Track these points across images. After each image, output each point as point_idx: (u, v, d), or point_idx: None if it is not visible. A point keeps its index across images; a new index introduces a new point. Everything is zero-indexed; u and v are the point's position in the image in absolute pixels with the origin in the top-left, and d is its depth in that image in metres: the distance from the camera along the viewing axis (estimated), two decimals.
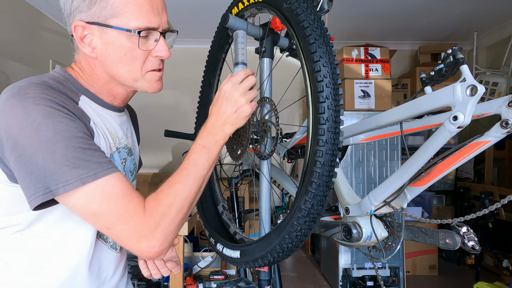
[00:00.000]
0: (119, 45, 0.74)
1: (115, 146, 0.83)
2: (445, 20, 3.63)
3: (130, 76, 0.77)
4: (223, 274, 2.55)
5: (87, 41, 0.74)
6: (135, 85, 0.80)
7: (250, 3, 1.08)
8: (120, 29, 0.72)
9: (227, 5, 1.20)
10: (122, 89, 0.82)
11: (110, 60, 0.75)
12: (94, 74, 0.79)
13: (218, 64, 1.34)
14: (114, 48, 0.74)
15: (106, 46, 0.74)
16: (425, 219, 0.99)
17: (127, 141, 0.89)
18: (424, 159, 0.87)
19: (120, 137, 0.85)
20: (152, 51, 0.77)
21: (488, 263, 3.49)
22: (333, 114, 0.80)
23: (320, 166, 0.80)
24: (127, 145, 0.89)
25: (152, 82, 0.80)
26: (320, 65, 0.80)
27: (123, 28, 0.72)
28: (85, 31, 0.73)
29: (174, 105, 4.39)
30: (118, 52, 0.74)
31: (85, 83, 0.79)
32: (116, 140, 0.84)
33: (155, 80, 0.80)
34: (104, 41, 0.74)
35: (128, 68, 0.76)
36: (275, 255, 0.88)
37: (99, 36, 0.73)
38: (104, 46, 0.74)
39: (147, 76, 0.79)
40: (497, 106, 0.79)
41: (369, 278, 2.91)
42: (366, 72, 3.05)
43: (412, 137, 3.66)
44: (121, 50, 0.74)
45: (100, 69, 0.78)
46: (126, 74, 0.77)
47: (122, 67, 0.76)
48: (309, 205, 0.82)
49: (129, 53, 0.75)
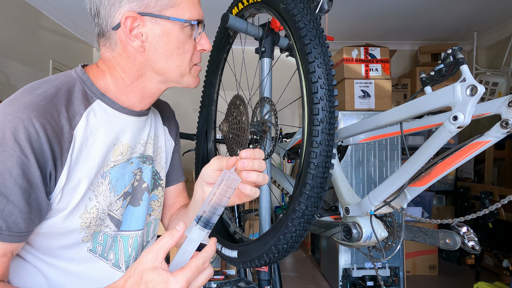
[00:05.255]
0: (174, 38, 0.70)
1: (126, 157, 0.77)
2: (445, 20, 3.63)
3: (180, 71, 0.74)
4: (223, 274, 2.55)
5: (135, 34, 0.69)
6: (181, 80, 0.75)
7: (250, 3, 1.08)
8: (177, 20, 0.69)
9: (227, 5, 1.20)
10: (155, 87, 0.76)
11: (161, 54, 0.71)
12: (127, 73, 0.73)
13: (220, 64, 1.34)
14: (168, 40, 0.70)
15: (158, 39, 0.69)
16: (425, 219, 0.99)
17: (144, 149, 0.82)
18: (424, 159, 0.87)
19: (133, 146, 0.79)
20: (196, 45, 0.75)
21: (488, 263, 3.49)
22: (327, 116, 0.79)
23: (314, 168, 0.79)
24: (143, 153, 0.82)
25: (196, 77, 0.78)
26: (315, 66, 0.79)
27: (182, 19, 0.69)
28: (135, 23, 0.68)
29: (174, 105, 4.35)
30: (171, 44, 0.70)
31: (104, 86, 0.74)
32: (128, 150, 0.78)
33: (197, 74, 0.78)
34: (156, 33, 0.69)
35: (179, 62, 0.73)
36: (271, 256, 0.88)
37: (150, 28, 0.69)
38: (155, 38, 0.69)
39: (192, 70, 0.76)
40: (497, 106, 0.79)
41: (369, 278, 2.91)
42: (366, 72, 3.04)
43: (412, 137, 3.66)
44: (175, 42, 0.70)
45: (140, 65, 0.72)
46: (176, 68, 0.73)
47: (173, 61, 0.72)
48: (303, 207, 0.81)
49: (182, 46, 0.72)
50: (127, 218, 0.81)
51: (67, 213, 0.68)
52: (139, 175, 0.82)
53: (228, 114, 1.19)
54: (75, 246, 0.73)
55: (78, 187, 0.68)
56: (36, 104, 0.63)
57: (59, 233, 0.69)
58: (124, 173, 0.78)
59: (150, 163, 0.85)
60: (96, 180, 0.72)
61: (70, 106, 0.68)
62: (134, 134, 0.79)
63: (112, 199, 0.75)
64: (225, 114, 1.20)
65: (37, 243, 0.70)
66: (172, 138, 0.96)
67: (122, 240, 0.80)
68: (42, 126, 0.62)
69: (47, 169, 0.63)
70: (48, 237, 0.70)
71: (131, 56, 0.71)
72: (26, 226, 0.62)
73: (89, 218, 0.71)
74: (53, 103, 0.65)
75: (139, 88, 0.75)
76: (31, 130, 0.61)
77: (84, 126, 0.69)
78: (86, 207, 0.70)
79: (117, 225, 0.78)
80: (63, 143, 0.65)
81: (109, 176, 0.75)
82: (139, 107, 0.78)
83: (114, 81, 0.74)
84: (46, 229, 0.68)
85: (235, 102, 1.15)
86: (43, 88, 0.67)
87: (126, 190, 0.79)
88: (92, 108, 0.71)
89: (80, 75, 0.73)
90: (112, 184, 0.75)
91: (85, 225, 0.71)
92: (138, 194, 0.82)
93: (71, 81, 0.71)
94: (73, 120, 0.68)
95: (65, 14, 3.52)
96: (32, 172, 0.61)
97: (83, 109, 0.70)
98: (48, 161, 0.63)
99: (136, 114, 0.78)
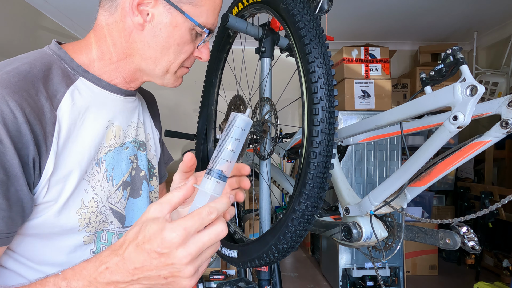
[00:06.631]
0: (178, 33, 0.67)
1: (120, 142, 0.71)
2: (445, 20, 3.63)
3: (167, 67, 0.70)
4: (223, 274, 2.55)
5: (141, 9, 0.64)
6: (163, 76, 0.72)
7: (250, 3, 1.08)
8: (191, 19, 0.66)
9: (227, 5, 1.20)
10: (138, 74, 0.72)
11: (158, 42, 0.66)
12: (117, 46, 0.68)
13: (220, 64, 1.34)
14: (172, 33, 0.66)
15: (162, 27, 0.65)
16: (425, 219, 0.99)
17: (136, 133, 0.77)
18: (424, 159, 0.87)
19: (125, 129, 0.73)
20: (195, 50, 0.72)
21: (488, 263, 3.49)
22: (327, 116, 0.79)
23: (314, 168, 0.79)
24: (136, 138, 0.76)
25: (178, 78, 0.74)
26: (315, 66, 0.79)
27: (195, 21, 0.66)
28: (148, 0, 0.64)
29: (174, 105, 4.39)
30: (173, 38, 0.67)
31: (87, 62, 0.67)
32: (120, 134, 0.71)
33: (180, 76, 0.75)
34: (164, 20, 0.65)
35: (172, 58, 0.69)
36: (271, 256, 0.88)
37: (160, 13, 0.65)
38: (160, 25, 0.65)
39: (178, 71, 0.73)
40: (497, 106, 0.79)
41: (369, 278, 2.91)
42: (366, 72, 3.04)
43: (412, 137, 3.66)
44: (177, 38, 0.67)
45: (133, 44, 0.67)
46: (165, 63, 0.69)
47: (166, 55, 0.68)
48: (303, 207, 0.81)
49: (182, 45, 0.68)
50: (129, 212, 0.74)
51: (59, 207, 0.60)
52: (136, 162, 0.76)
53: (228, 114, 1.19)
54: (76, 250, 0.65)
55: (69, 177, 0.60)
56: (7, 80, 0.54)
57: (54, 233, 0.62)
58: (120, 159, 0.71)
59: (144, 149, 0.79)
60: (91, 169, 0.65)
61: (48, 83, 0.60)
62: (125, 116, 0.73)
63: (110, 189, 0.68)
64: (225, 114, 1.20)
65: (29, 249, 0.61)
66: (157, 128, 0.90)
67: None
68: (18, 104, 0.53)
69: (29, 156, 0.54)
70: (41, 239, 0.61)
71: (127, 29, 0.66)
72: (5, 226, 0.53)
73: (88, 213, 0.64)
74: (28, 79, 0.57)
75: (124, 69, 0.70)
76: (4, 110, 0.51)
77: (69, 106, 0.61)
78: (82, 200, 0.63)
79: (121, 220, 0.72)
80: (46, 125, 0.57)
81: (104, 163, 0.67)
82: (127, 87, 0.73)
83: (100, 55, 0.68)
84: (37, 229, 0.60)
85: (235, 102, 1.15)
86: (13, 65, 0.58)
87: (125, 179, 0.72)
88: (76, 86, 0.64)
89: (55, 51, 0.65)
90: (109, 172, 0.68)
91: (85, 222, 0.64)
92: (138, 184, 0.77)
93: (46, 57, 0.63)
94: (54, 99, 0.60)
95: (65, 14, 3.52)
96: (9, 160, 0.51)
97: (65, 87, 0.62)
98: (29, 146, 0.54)
99: (125, 94, 0.73)
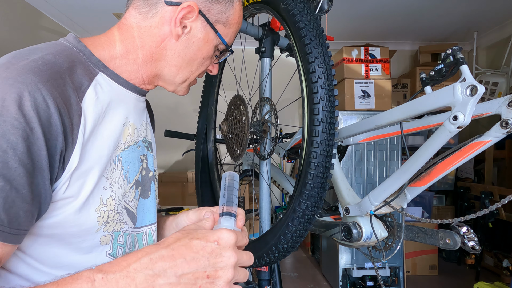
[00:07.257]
0: (206, 49, 0.72)
1: (134, 140, 0.71)
2: (445, 20, 3.63)
3: (187, 77, 0.75)
4: None
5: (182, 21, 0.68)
6: (180, 85, 0.76)
7: (250, 3, 1.08)
8: (221, 38, 0.73)
9: None
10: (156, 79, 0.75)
11: (187, 53, 0.71)
12: (145, 48, 0.69)
13: (220, 64, 1.34)
14: (202, 47, 0.72)
15: (195, 40, 0.70)
16: (425, 219, 0.99)
17: (146, 133, 0.77)
18: (424, 159, 0.87)
19: (138, 128, 0.73)
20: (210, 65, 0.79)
21: (488, 263, 3.49)
22: (327, 115, 0.79)
23: (314, 168, 0.79)
24: (146, 137, 0.76)
25: (188, 88, 0.79)
26: (315, 66, 0.79)
27: (224, 40, 0.73)
28: (191, 14, 0.67)
29: (174, 105, 4.39)
30: (201, 52, 0.72)
31: (108, 57, 0.66)
32: (135, 132, 0.71)
33: (190, 86, 0.80)
34: (198, 35, 0.70)
35: (194, 70, 0.74)
36: (271, 256, 0.88)
37: (197, 28, 0.69)
38: (194, 39, 0.70)
39: (192, 82, 0.79)
40: (497, 106, 0.79)
41: (369, 278, 2.91)
42: (366, 72, 3.05)
43: (412, 137, 3.66)
44: (204, 53, 0.73)
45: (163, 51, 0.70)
46: (187, 73, 0.74)
47: (190, 66, 0.73)
48: (303, 206, 0.81)
49: (205, 59, 0.74)
50: (140, 212, 0.73)
51: (80, 204, 0.57)
52: (145, 162, 0.75)
53: (228, 114, 1.19)
54: (91, 250, 0.62)
55: (90, 173, 0.58)
56: (38, 68, 0.52)
57: (72, 234, 0.58)
58: (134, 157, 0.70)
59: (151, 150, 0.79)
60: (109, 166, 0.63)
61: (73, 75, 0.58)
62: (138, 114, 0.74)
63: (126, 187, 0.67)
64: (225, 114, 1.20)
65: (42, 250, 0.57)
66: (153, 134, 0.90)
67: (137, 239, 0.72)
68: (51, 93, 0.51)
69: (57, 148, 0.52)
70: (57, 240, 0.58)
71: (161, 36, 0.68)
72: (25, 221, 0.50)
73: (106, 211, 0.62)
74: (55, 69, 0.55)
75: (145, 71, 0.71)
76: (38, 97, 0.49)
77: (93, 99, 0.60)
78: (101, 198, 0.61)
79: (133, 220, 0.70)
80: (72, 116, 0.55)
81: (121, 160, 0.66)
82: (143, 86, 0.74)
83: (124, 53, 0.68)
84: (53, 229, 0.56)
85: (235, 102, 1.15)
86: (38, 54, 0.56)
87: (137, 178, 0.71)
88: (97, 80, 0.63)
89: (74, 44, 0.63)
90: (125, 170, 0.67)
91: (103, 221, 0.61)
92: (147, 184, 0.76)
93: (67, 49, 0.61)
94: (79, 91, 0.58)
95: (65, 14, 3.52)
96: (37, 150, 0.49)
97: (88, 81, 0.61)
98: (58, 138, 0.52)
99: (139, 93, 0.73)
